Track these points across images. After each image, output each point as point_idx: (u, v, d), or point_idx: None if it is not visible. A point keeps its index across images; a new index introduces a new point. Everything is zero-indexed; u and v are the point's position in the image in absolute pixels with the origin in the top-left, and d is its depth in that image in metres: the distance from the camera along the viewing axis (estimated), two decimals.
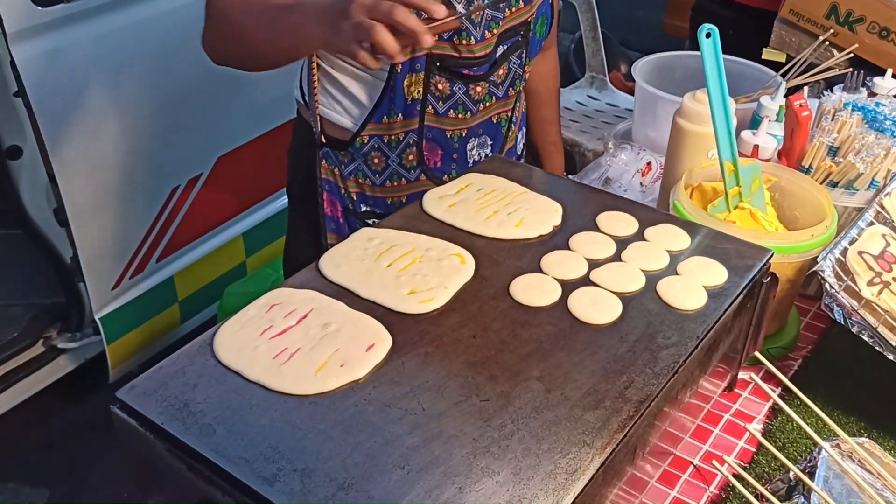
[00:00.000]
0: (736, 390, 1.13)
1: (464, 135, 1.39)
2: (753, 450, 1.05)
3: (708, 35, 1.08)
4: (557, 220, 1.07)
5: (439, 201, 1.10)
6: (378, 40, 1.00)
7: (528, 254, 1.01)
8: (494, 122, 1.43)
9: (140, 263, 2.36)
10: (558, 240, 1.04)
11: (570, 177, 1.59)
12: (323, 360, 0.83)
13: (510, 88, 1.41)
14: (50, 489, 2.30)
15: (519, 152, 1.57)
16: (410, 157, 1.39)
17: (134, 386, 0.80)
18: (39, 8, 1.93)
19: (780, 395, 1.08)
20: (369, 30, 1.00)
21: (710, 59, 1.10)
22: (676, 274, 0.99)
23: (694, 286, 0.96)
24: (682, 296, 0.94)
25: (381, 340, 0.86)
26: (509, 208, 1.08)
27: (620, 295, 0.94)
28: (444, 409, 0.78)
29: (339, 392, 0.80)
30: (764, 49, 1.99)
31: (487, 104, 1.39)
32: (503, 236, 1.04)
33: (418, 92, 1.31)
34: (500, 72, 1.37)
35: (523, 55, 1.39)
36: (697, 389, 0.98)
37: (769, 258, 1.02)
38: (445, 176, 1.42)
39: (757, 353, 1.05)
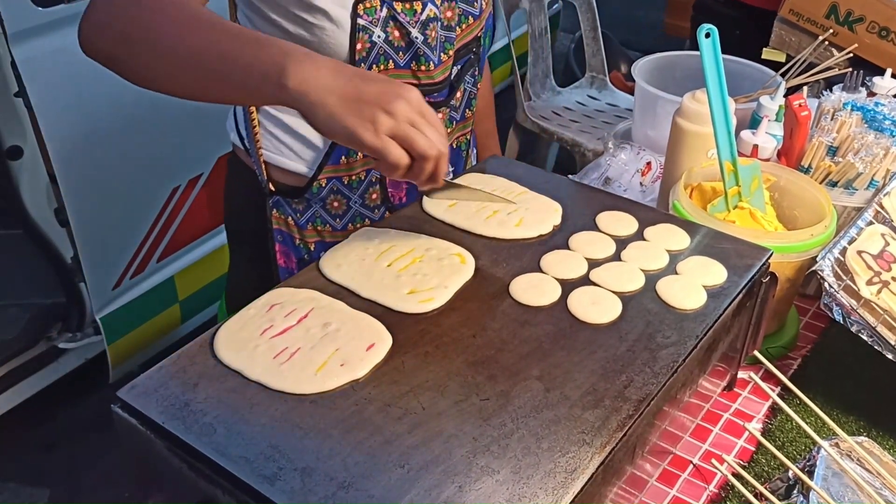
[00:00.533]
0: (735, 389, 1.13)
1: None
2: (753, 449, 1.05)
3: (707, 35, 1.08)
4: (557, 220, 1.08)
5: (440, 201, 1.11)
6: (438, 169, 0.88)
7: (528, 253, 1.02)
8: (455, 147, 1.36)
9: (140, 263, 2.36)
10: (558, 239, 1.05)
11: (570, 177, 1.58)
12: (323, 360, 0.83)
13: (467, 110, 1.34)
14: (50, 489, 2.31)
15: None
16: (374, 196, 1.30)
17: (134, 385, 0.81)
18: (40, 8, 1.93)
19: (779, 395, 1.08)
20: (425, 150, 0.86)
21: (709, 60, 1.10)
22: (676, 273, 0.99)
23: (693, 286, 0.96)
24: (681, 295, 0.94)
25: (382, 340, 0.86)
26: (509, 208, 1.09)
27: (620, 294, 0.95)
28: (444, 409, 0.78)
29: (340, 391, 0.80)
30: (764, 49, 1.99)
31: (448, 130, 1.30)
32: (503, 236, 1.04)
33: None
34: (458, 94, 1.29)
35: (476, 72, 1.32)
36: (697, 389, 0.98)
37: (768, 258, 1.02)
38: None
39: (756, 353, 1.06)
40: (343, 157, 1.25)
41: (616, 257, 1.02)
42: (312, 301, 0.92)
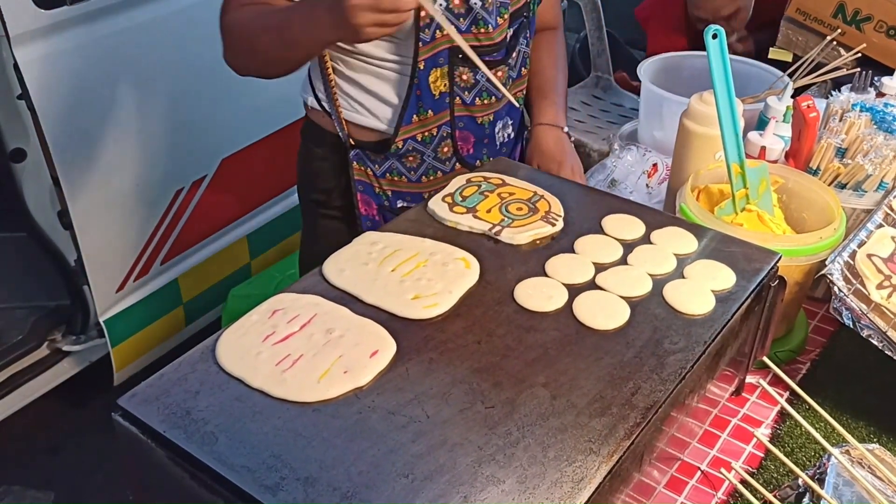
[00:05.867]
0: (744, 395, 1.12)
1: (492, 119, 1.45)
2: (761, 455, 1.04)
3: (714, 36, 1.07)
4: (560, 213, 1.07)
5: (445, 203, 1.10)
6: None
7: (534, 257, 1.01)
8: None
9: (144, 266, 2.36)
10: (564, 243, 1.04)
11: None
12: (326, 367, 0.82)
13: (522, 68, 1.47)
14: (55, 492, 2.30)
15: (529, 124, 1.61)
16: (446, 150, 1.43)
17: (135, 393, 0.80)
18: (42, 10, 1.93)
19: (787, 400, 1.07)
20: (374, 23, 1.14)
21: (716, 61, 1.09)
22: (683, 277, 0.98)
23: (701, 290, 0.95)
24: (689, 300, 0.93)
25: (385, 346, 0.85)
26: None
27: (627, 299, 0.93)
28: (449, 417, 0.78)
29: (343, 399, 0.79)
30: (770, 48, 1.98)
31: (508, 87, 1.43)
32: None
33: (445, 85, 1.36)
34: (514, 54, 1.42)
35: (528, 34, 1.46)
36: (705, 394, 0.97)
37: (777, 261, 1.01)
38: (478, 161, 1.47)
39: (765, 358, 1.04)
40: (414, 117, 1.38)
41: (623, 261, 1.01)
42: (315, 307, 0.91)
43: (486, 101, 1.42)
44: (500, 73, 1.41)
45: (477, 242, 1.03)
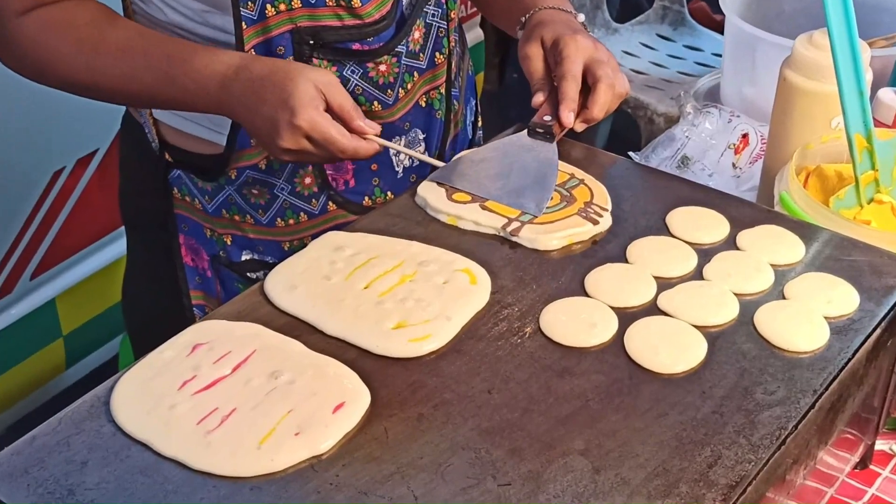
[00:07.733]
0: (872, 467, 1.13)
1: (380, 134, 1.29)
2: None
3: None
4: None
5: (440, 191, 1.11)
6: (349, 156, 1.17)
7: (569, 269, 1.02)
8: (423, 106, 1.38)
9: (7, 282, 2.37)
10: (612, 249, 1.05)
11: (630, 154, 1.59)
12: (270, 426, 0.83)
13: (436, 53, 1.36)
14: None
15: (470, 136, 1.52)
16: (307, 181, 1.34)
17: None
18: None
19: None
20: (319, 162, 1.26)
21: None
22: (784, 298, 0.99)
23: (809, 316, 0.96)
24: (791, 330, 0.94)
25: (355, 397, 0.86)
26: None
27: (703, 329, 0.95)
28: (447, 498, 0.78)
29: (294, 472, 0.80)
30: None
31: (409, 85, 1.34)
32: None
33: None
34: (416, 35, 1.32)
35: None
36: (816, 467, 0.98)
37: None
38: (366, 199, 1.37)
39: None
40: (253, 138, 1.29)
41: (697, 275, 1.02)
42: (255, 339, 0.92)
43: (365, 108, 1.28)
44: (383, 68, 1.29)
45: (487, 246, 1.04)
